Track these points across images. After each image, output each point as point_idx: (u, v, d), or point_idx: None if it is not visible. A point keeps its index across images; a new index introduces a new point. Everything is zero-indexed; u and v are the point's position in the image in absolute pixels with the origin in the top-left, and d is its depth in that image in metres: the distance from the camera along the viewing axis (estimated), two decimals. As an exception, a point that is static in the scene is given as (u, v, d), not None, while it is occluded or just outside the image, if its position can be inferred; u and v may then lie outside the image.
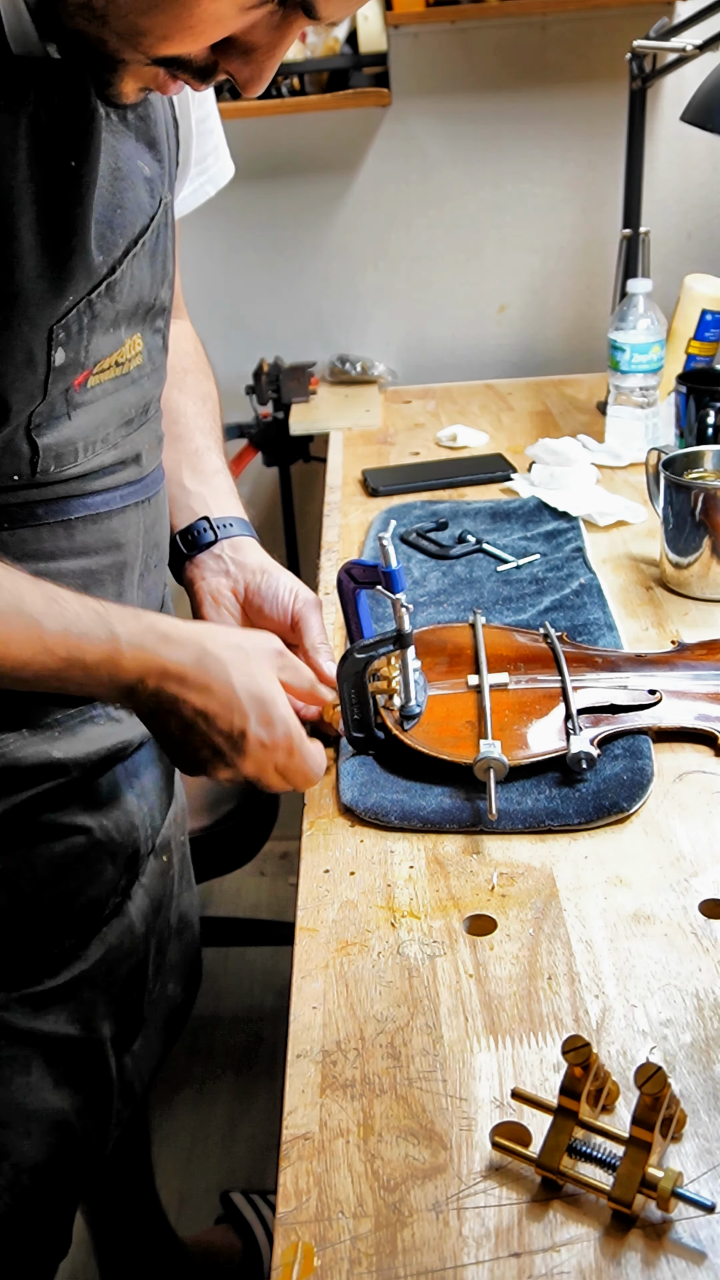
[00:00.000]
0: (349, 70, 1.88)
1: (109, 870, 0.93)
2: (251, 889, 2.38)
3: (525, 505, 1.45)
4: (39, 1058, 0.91)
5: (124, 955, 0.96)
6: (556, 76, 1.94)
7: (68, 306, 0.74)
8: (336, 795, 0.95)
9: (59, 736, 0.86)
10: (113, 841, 0.92)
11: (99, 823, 0.90)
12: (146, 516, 0.90)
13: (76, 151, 0.72)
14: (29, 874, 0.87)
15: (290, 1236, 0.60)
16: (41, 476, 0.78)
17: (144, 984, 1.00)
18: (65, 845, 0.88)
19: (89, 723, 0.88)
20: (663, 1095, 0.59)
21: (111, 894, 0.94)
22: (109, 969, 0.94)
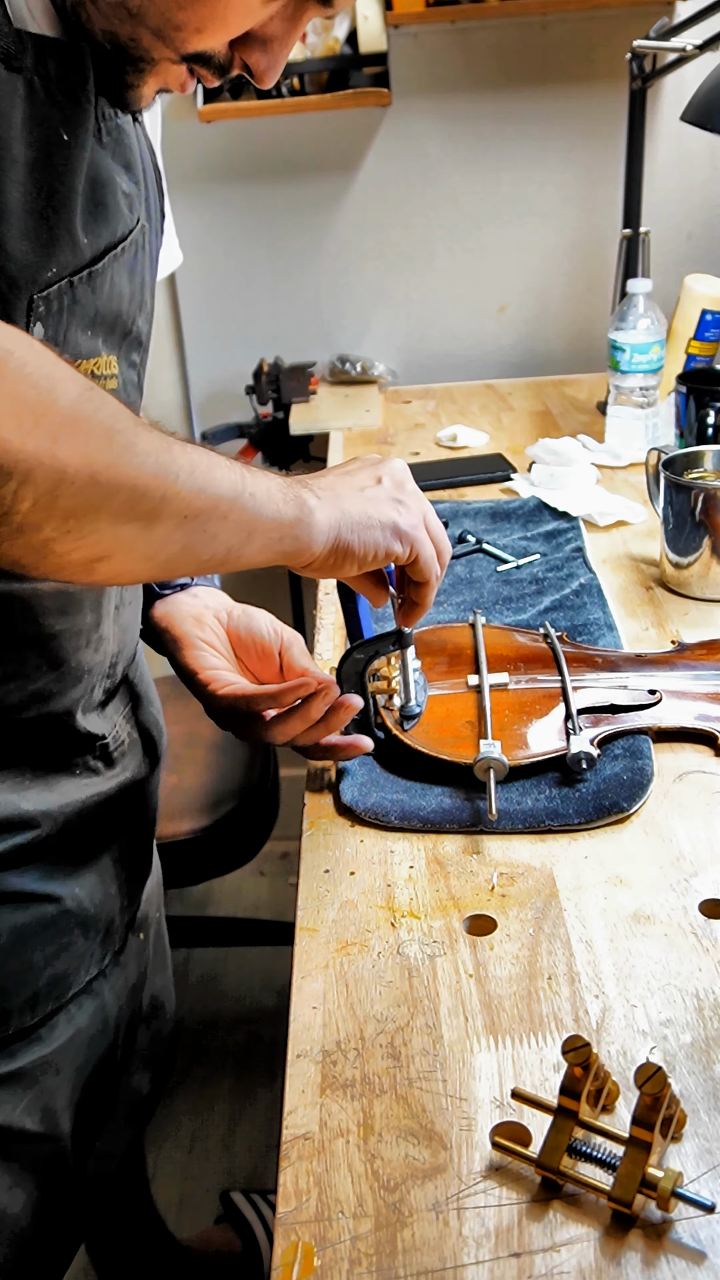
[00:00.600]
0: (349, 70, 1.88)
1: (79, 942, 0.84)
2: (251, 889, 2.38)
3: (525, 505, 1.45)
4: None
5: (93, 1039, 0.88)
6: (556, 76, 1.94)
7: (50, 278, 0.72)
8: (336, 795, 0.95)
9: (30, 785, 0.79)
10: (84, 911, 0.84)
11: (70, 891, 0.82)
12: None
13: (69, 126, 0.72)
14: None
15: (290, 1236, 0.60)
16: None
17: (112, 1073, 0.92)
18: (31, 913, 0.80)
19: (64, 772, 0.82)
20: (663, 1095, 0.59)
21: (82, 969, 0.85)
22: (75, 1054, 0.86)
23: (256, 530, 0.72)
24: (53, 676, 0.78)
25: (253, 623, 1.00)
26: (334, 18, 1.85)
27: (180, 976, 2.16)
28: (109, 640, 0.84)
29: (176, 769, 1.68)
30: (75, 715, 0.81)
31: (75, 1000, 0.85)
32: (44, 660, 0.78)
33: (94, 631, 0.81)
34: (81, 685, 0.81)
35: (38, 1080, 0.83)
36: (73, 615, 0.78)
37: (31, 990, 0.80)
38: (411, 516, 0.82)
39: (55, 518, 0.60)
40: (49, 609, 0.76)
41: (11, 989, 0.79)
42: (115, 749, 0.86)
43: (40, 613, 0.76)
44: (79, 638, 0.80)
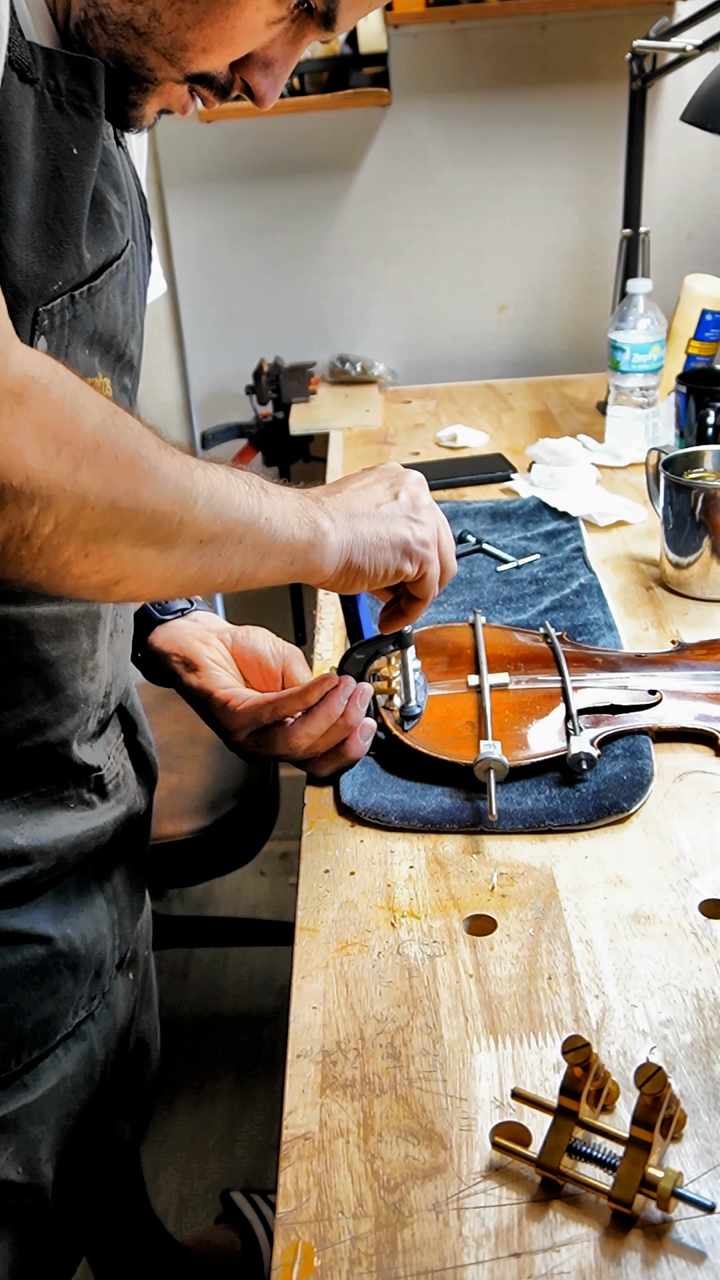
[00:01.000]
0: (349, 70, 1.88)
1: (68, 985, 0.82)
2: (251, 889, 2.38)
3: (525, 505, 1.45)
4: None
5: (79, 1085, 0.85)
6: (556, 76, 1.94)
7: (55, 291, 0.72)
8: (336, 795, 0.95)
9: (23, 819, 0.77)
10: (75, 953, 0.82)
11: (62, 931, 0.80)
12: None
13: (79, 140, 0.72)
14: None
15: (290, 1236, 0.60)
16: None
17: (96, 1120, 0.89)
18: (20, 955, 0.78)
19: (58, 805, 0.80)
20: (663, 1095, 0.59)
21: (70, 1013, 0.83)
22: (60, 1101, 0.83)
23: (271, 553, 0.73)
24: (49, 705, 0.78)
25: (255, 643, 1.01)
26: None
27: (180, 976, 2.16)
28: (104, 669, 0.83)
29: (176, 769, 1.68)
30: (71, 745, 0.80)
31: (62, 1045, 0.83)
32: (40, 687, 0.77)
33: (90, 659, 0.81)
34: (77, 715, 0.81)
35: (21, 1129, 0.80)
36: (68, 641, 0.78)
37: (18, 1036, 0.78)
38: (424, 533, 0.83)
39: (75, 541, 0.61)
40: (45, 634, 0.76)
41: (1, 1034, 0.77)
42: (110, 781, 0.85)
43: (36, 638, 0.76)
44: (75, 665, 0.79)
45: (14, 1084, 0.80)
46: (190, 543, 0.67)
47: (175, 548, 0.66)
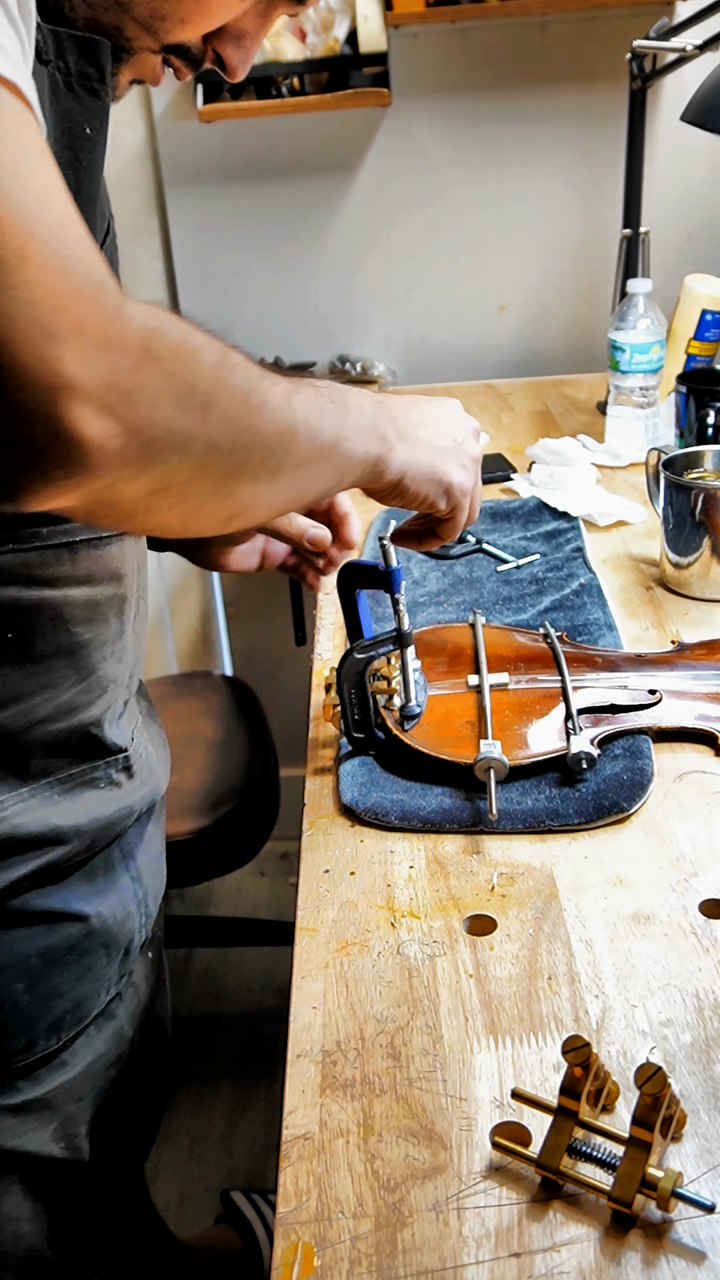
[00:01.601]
0: (349, 70, 1.88)
1: (101, 963, 0.83)
2: (251, 889, 2.38)
3: (525, 505, 1.45)
4: (19, 1183, 0.82)
5: (110, 1063, 0.87)
6: (556, 76, 1.94)
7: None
8: (336, 795, 0.95)
9: (58, 800, 0.79)
10: (108, 931, 0.83)
11: (95, 909, 0.82)
12: (137, 552, 0.86)
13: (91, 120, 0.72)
14: (18, 967, 0.78)
15: (290, 1236, 0.60)
16: None
17: (126, 1096, 0.91)
18: (59, 934, 0.80)
19: (89, 786, 0.82)
20: (663, 1095, 0.59)
21: (101, 991, 0.85)
22: (94, 1078, 0.85)
23: (349, 472, 0.76)
24: (81, 687, 0.79)
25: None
26: (299, 15, 1.85)
27: (180, 976, 2.16)
28: (130, 650, 0.85)
29: (177, 769, 1.67)
30: (103, 726, 0.81)
31: (94, 1023, 0.85)
32: (73, 670, 0.78)
33: (117, 640, 0.82)
34: (107, 696, 0.82)
35: (61, 1106, 0.82)
36: (99, 624, 0.79)
37: (57, 1015, 0.80)
38: (467, 482, 0.87)
39: (208, 483, 0.62)
40: (78, 618, 0.77)
41: (38, 1014, 0.79)
42: (136, 761, 0.86)
43: (70, 621, 0.77)
44: (105, 647, 0.80)
45: (53, 1062, 0.82)
46: (291, 470, 0.69)
47: (280, 476, 0.68)
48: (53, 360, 0.52)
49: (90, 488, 0.56)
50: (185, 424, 0.59)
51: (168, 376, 0.57)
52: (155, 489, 0.59)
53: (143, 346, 0.56)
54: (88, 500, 0.57)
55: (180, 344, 0.59)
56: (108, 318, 0.54)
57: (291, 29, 1.88)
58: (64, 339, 0.52)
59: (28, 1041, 0.79)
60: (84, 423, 0.53)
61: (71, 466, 0.54)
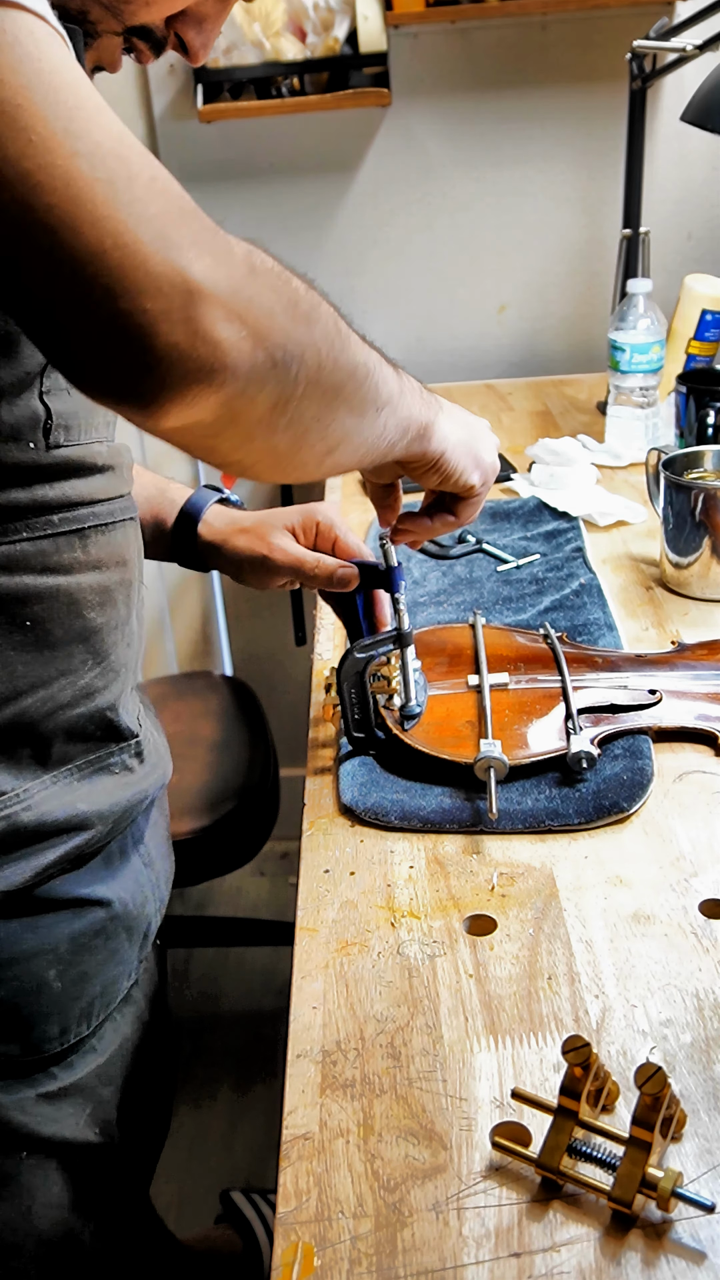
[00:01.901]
0: (349, 70, 1.88)
1: (124, 948, 0.85)
2: (251, 889, 2.38)
3: (525, 505, 1.45)
4: (57, 1169, 0.82)
5: (135, 1046, 0.89)
6: (556, 76, 1.94)
7: None
8: (336, 795, 0.95)
9: (79, 786, 0.80)
10: (129, 915, 0.85)
11: (117, 894, 0.83)
12: (137, 537, 0.87)
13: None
14: (50, 954, 0.79)
15: (290, 1236, 0.60)
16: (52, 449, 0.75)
17: (148, 1080, 0.92)
18: (86, 920, 0.81)
19: (105, 771, 0.83)
20: (663, 1095, 0.59)
21: (125, 976, 0.86)
22: (123, 1063, 0.87)
23: (408, 430, 0.79)
24: (97, 671, 0.80)
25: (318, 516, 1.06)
26: (339, 17, 1.85)
27: (180, 976, 2.16)
28: (136, 635, 0.86)
29: (177, 769, 1.67)
30: (118, 710, 0.83)
31: (119, 1008, 0.86)
32: (89, 655, 0.80)
33: (126, 625, 0.83)
34: (120, 680, 0.83)
35: (94, 1092, 0.84)
36: (110, 609, 0.81)
37: (88, 1001, 0.82)
38: (495, 465, 0.91)
39: (315, 404, 0.65)
40: (91, 603, 0.79)
41: (70, 1000, 0.80)
42: (145, 746, 0.88)
43: (84, 606, 0.79)
44: (116, 631, 0.82)
45: (84, 1048, 0.83)
46: (373, 410, 0.71)
47: (366, 413, 0.71)
48: (183, 265, 0.54)
49: (224, 395, 0.58)
50: (298, 333, 0.61)
51: (273, 290, 0.60)
52: (276, 402, 0.61)
53: (247, 261, 0.59)
54: (220, 411, 0.59)
55: (274, 265, 0.62)
56: (213, 233, 0.58)
57: (291, 29, 1.88)
58: (186, 249, 0.55)
59: (62, 1028, 0.80)
60: (218, 326, 0.56)
61: (210, 373, 0.56)
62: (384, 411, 0.74)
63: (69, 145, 0.53)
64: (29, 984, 0.78)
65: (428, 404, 0.82)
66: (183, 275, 0.54)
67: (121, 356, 0.55)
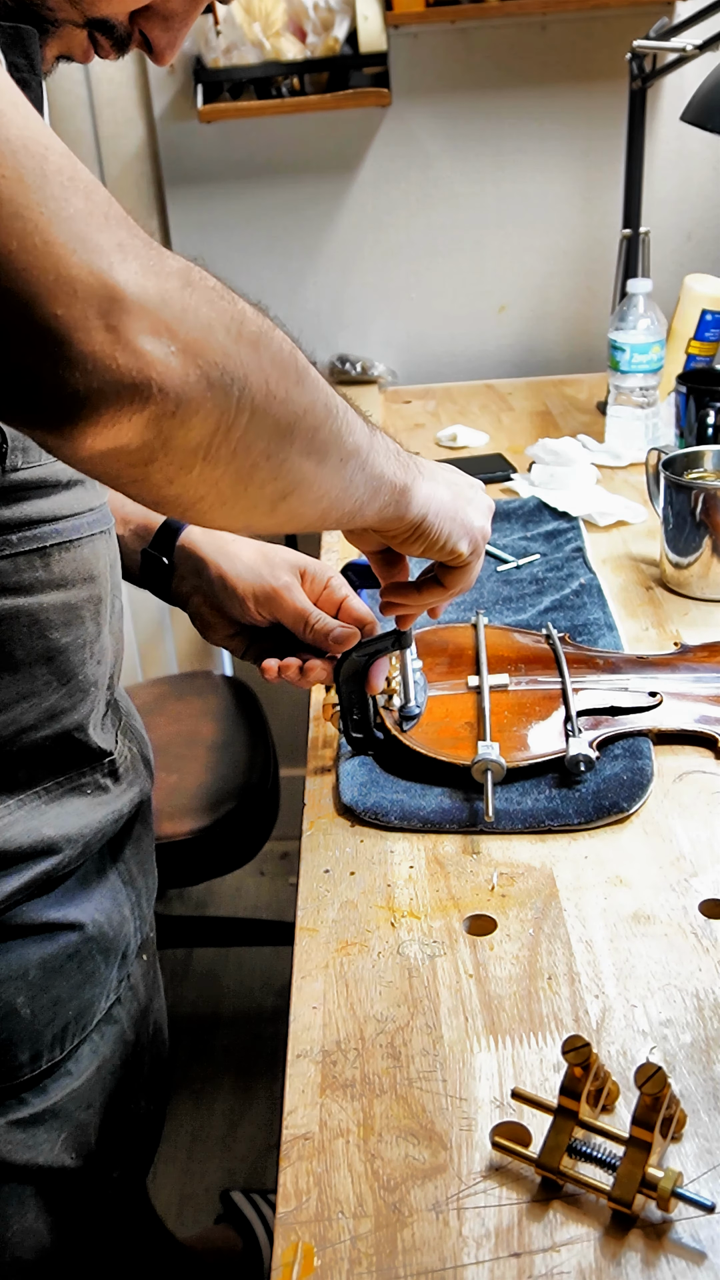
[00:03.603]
0: (349, 70, 1.88)
1: (100, 969, 0.83)
2: (251, 889, 2.38)
3: (525, 505, 1.45)
4: (33, 1196, 0.81)
5: (116, 1067, 0.87)
6: (556, 76, 1.94)
7: None
8: (336, 795, 0.95)
9: (46, 809, 0.78)
10: (104, 937, 0.83)
11: (91, 917, 0.82)
12: (110, 550, 0.85)
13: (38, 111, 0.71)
14: (18, 980, 0.77)
15: (290, 1236, 0.60)
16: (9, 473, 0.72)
17: (132, 1099, 0.90)
18: (57, 944, 0.79)
19: (77, 793, 0.81)
20: (663, 1095, 0.59)
21: (103, 997, 0.84)
22: (102, 1084, 0.85)
23: (379, 491, 0.74)
24: (63, 692, 0.78)
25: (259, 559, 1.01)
26: (340, 17, 1.85)
27: (180, 976, 2.16)
28: (108, 651, 0.83)
29: (176, 769, 1.68)
30: (87, 730, 0.81)
31: (97, 1029, 0.84)
32: (53, 676, 0.77)
33: (95, 643, 0.80)
34: (89, 699, 0.81)
35: (71, 1115, 0.82)
36: (76, 627, 0.78)
37: (61, 1024, 0.80)
38: (487, 529, 0.85)
39: (263, 438, 0.59)
40: (55, 623, 0.76)
41: (43, 1026, 0.78)
42: (121, 764, 0.86)
43: (47, 627, 0.75)
44: (83, 650, 0.79)
45: (58, 1071, 0.81)
46: (336, 458, 0.66)
47: (327, 460, 0.66)
48: (103, 269, 0.49)
49: (151, 414, 0.52)
50: (242, 355, 0.56)
51: (213, 305, 0.55)
52: (215, 428, 0.56)
53: (183, 274, 0.54)
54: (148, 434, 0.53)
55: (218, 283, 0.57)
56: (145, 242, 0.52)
57: (291, 29, 1.88)
58: (108, 252, 0.50)
59: (33, 1054, 0.78)
60: (144, 337, 0.51)
61: (133, 389, 0.51)
62: (350, 464, 0.68)
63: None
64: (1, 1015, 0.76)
65: (405, 466, 0.77)
66: (103, 280, 0.49)
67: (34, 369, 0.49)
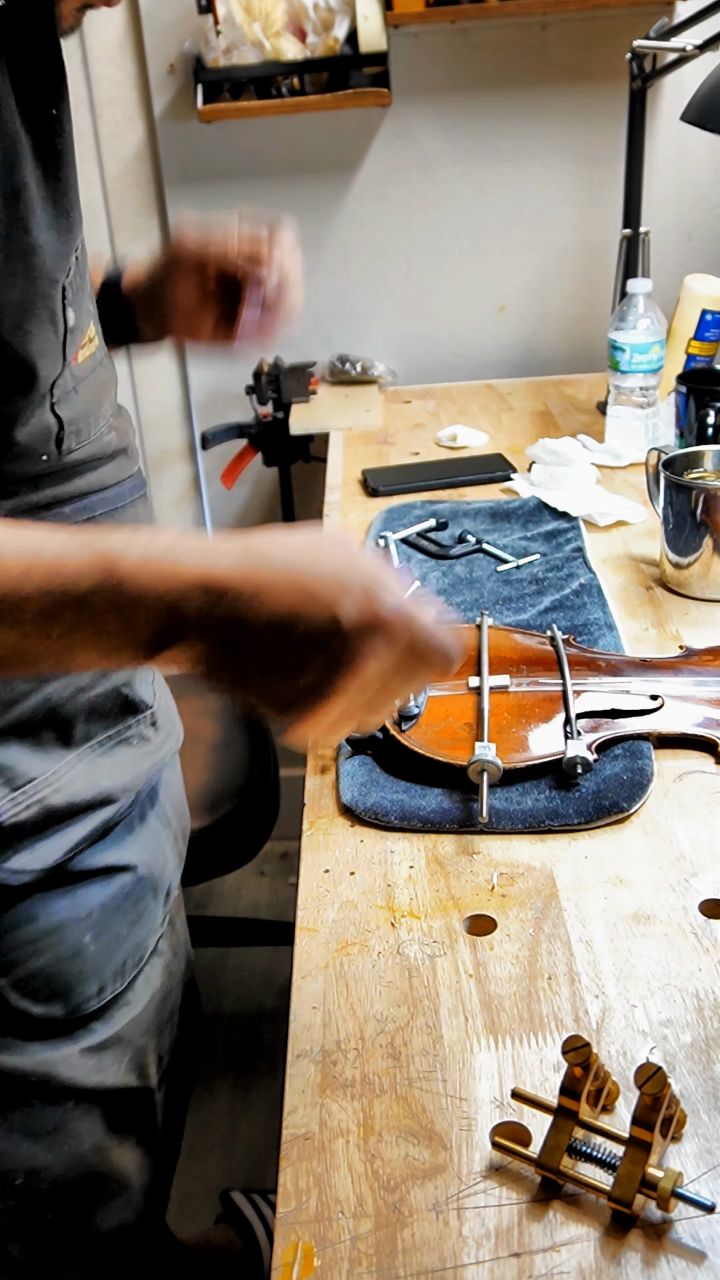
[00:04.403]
0: (349, 70, 1.88)
1: (151, 907, 0.90)
2: (251, 889, 2.38)
3: (525, 505, 1.45)
4: (100, 1116, 0.88)
5: (165, 996, 0.94)
6: (556, 76, 1.94)
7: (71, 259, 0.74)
8: (336, 795, 0.95)
9: (102, 761, 0.83)
10: (153, 877, 0.89)
11: (140, 858, 0.88)
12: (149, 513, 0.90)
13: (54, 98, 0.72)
14: (84, 921, 0.83)
15: (290, 1236, 0.60)
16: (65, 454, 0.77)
17: (176, 1027, 0.98)
18: (114, 886, 0.85)
19: (124, 744, 0.85)
20: (663, 1095, 0.59)
21: (153, 932, 0.91)
22: (155, 1011, 0.92)
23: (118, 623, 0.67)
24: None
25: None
26: (340, 17, 1.85)
27: (180, 976, 2.16)
28: None
29: (176, 769, 1.68)
30: (133, 685, 0.86)
31: (149, 961, 0.91)
32: None
33: None
34: None
35: (131, 1040, 0.89)
36: None
37: (121, 958, 0.87)
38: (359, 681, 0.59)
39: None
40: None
41: (105, 961, 0.85)
42: (160, 715, 0.90)
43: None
44: None
45: (120, 1002, 0.88)
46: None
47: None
48: None
49: None
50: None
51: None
52: None
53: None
54: None
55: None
56: None
57: (291, 29, 1.88)
58: None
59: (99, 987, 0.85)
60: None
61: None
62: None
63: None
64: (67, 951, 0.82)
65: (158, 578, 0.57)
66: None
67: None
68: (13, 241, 0.69)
